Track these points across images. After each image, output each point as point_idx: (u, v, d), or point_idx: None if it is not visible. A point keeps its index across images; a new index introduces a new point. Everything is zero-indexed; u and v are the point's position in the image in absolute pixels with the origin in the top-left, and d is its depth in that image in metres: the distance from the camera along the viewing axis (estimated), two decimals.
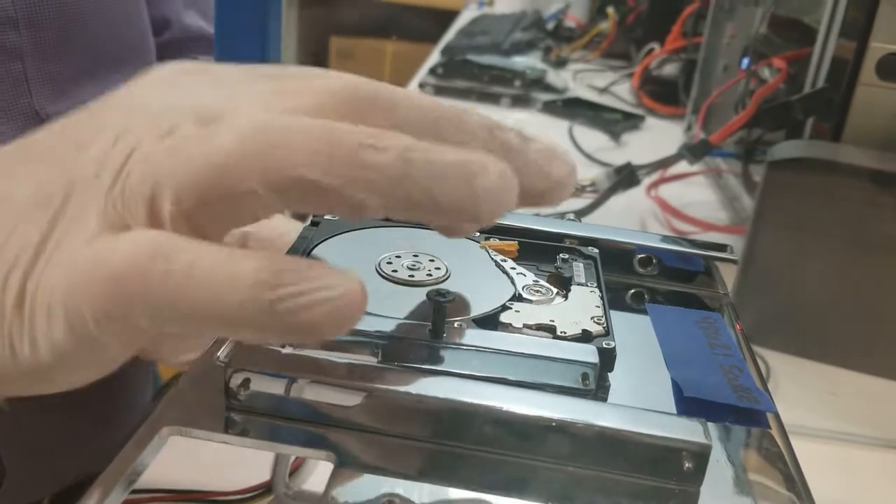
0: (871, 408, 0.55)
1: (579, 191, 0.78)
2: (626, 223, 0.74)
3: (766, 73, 0.77)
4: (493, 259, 0.32)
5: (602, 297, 0.30)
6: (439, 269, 0.30)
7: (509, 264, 0.31)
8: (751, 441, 0.26)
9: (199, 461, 0.44)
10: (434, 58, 1.26)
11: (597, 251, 0.33)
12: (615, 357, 0.27)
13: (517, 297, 0.29)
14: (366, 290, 0.20)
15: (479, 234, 0.34)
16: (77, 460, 0.59)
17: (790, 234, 0.57)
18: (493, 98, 1.13)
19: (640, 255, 0.36)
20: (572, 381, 0.26)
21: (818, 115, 0.63)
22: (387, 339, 0.26)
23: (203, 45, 0.67)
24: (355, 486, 0.22)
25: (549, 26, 1.47)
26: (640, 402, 0.26)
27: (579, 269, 0.32)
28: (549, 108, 1.11)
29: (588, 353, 0.26)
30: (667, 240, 0.36)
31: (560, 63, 1.32)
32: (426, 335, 0.26)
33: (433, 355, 0.26)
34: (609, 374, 0.27)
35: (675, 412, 0.26)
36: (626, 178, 0.76)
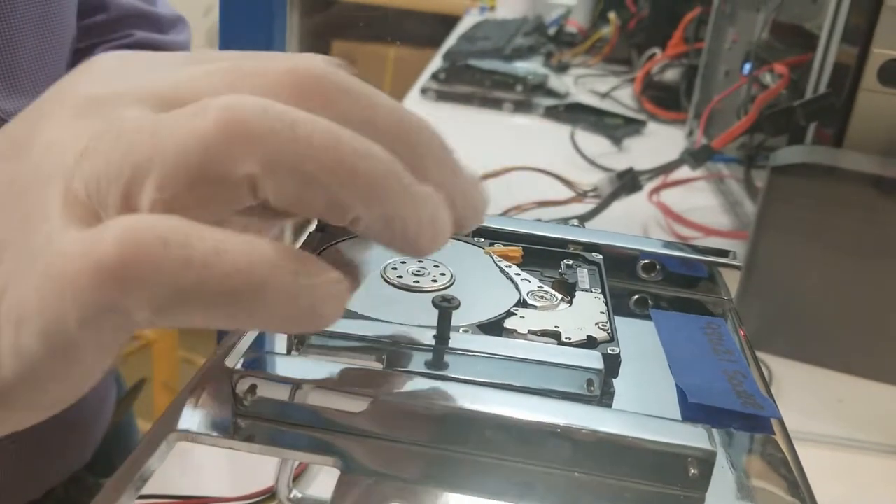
0: (877, 414, 0.55)
1: (582, 196, 0.78)
2: (629, 228, 0.74)
3: (767, 78, 0.77)
4: (497, 265, 0.32)
5: (606, 303, 0.30)
6: (444, 274, 0.30)
7: (514, 270, 0.31)
8: (755, 447, 0.26)
9: (202, 467, 0.44)
10: (436, 63, 1.26)
11: (601, 257, 0.33)
12: (620, 363, 0.27)
13: (522, 303, 0.29)
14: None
15: (483, 240, 0.34)
16: (38, 469, 0.58)
17: (793, 239, 0.57)
18: (494, 103, 1.13)
19: (643, 261, 0.36)
20: (577, 387, 0.26)
21: (820, 120, 0.63)
22: (392, 345, 0.26)
23: (142, 22, 0.63)
24: (361, 493, 0.22)
25: (551, 31, 1.47)
26: (644, 408, 0.26)
27: (583, 275, 0.32)
28: (550, 113, 1.11)
29: (593, 359, 0.26)
30: (670, 245, 0.36)
31: (562, 68, 1.32)
32: (431, 341, 0.26)
33: (438, 361, 0.26)
34: (614, 379, 0.27)
35: (680, 418, 0.26)
36: (628, 183, 0.76)
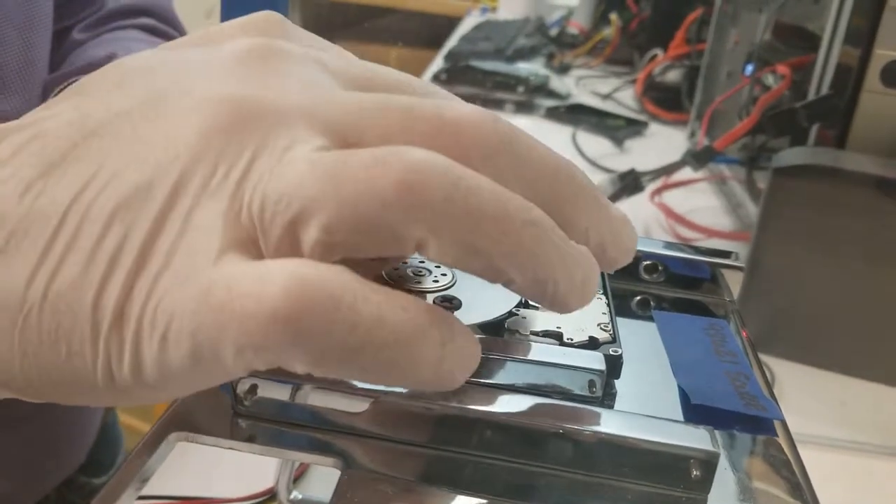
0: (880, 416, 0.55)
1: None
2: None
3: (769, 79, 0.77)
4: None
5: (608, 304, 0.30)
6: (445, 275, 0.30)
7: None
8: (757, 449, 0.26)
9: (202, 467, 0.44)
10: (437, 64, 1.26)
11: None
12: (622, 364, 0.27)
13: (523, 304, 0.29)
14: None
15: None
16: (29, 473, 0.58)
17: (795, 240, 0.57)
18: (496, 104, 1.13)
19: (646, 262, 0.35)
20: (579, 387, 0.25)
21: (823, 122, 0.63)
22: None
23: (140, 17, 0.59)
24: (361, 493, 0.22)
25: (553, 32, 1.47)
26: (646, 410, 0.26)
27: None
28: (552, 114, 1.11)
29: (595, 360, 0.26)
30: (673, 247, 0.36)
31: (563, 69, 1.32)
32: None
33: None
34: (616, 381, 0.27)
35: (682, 419, 0.26)
36: (629, 184, 0.76)
